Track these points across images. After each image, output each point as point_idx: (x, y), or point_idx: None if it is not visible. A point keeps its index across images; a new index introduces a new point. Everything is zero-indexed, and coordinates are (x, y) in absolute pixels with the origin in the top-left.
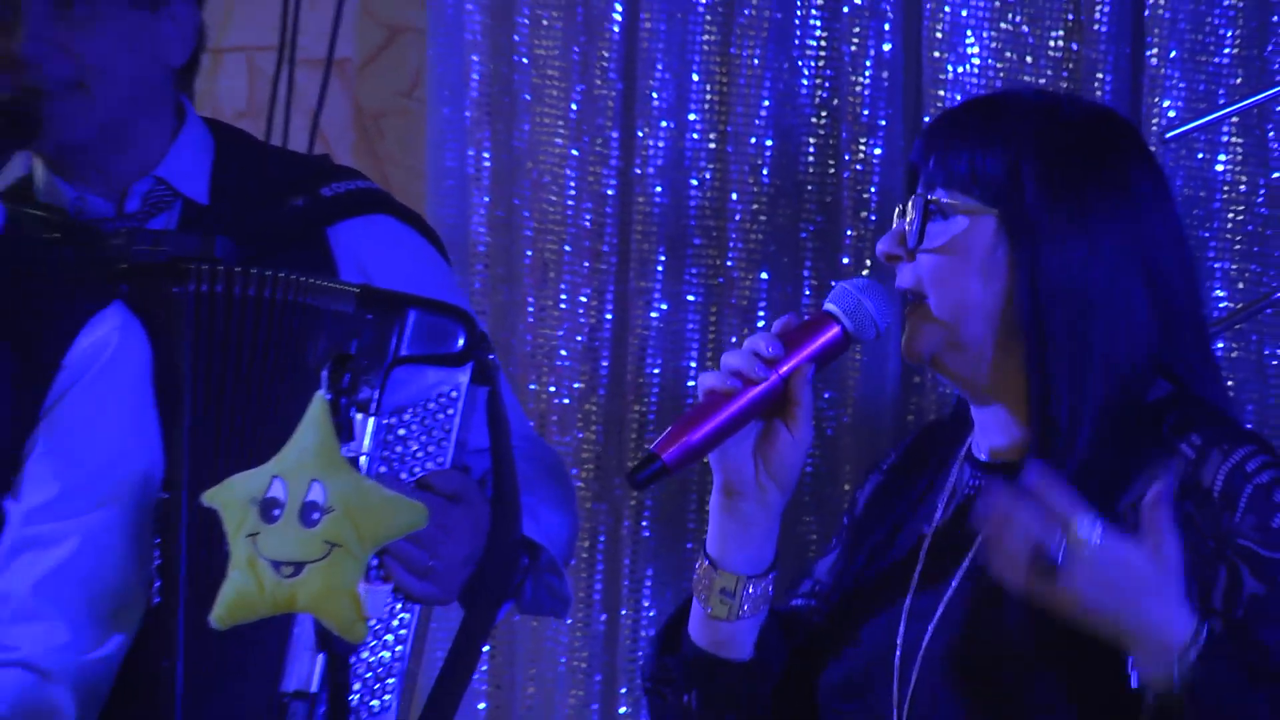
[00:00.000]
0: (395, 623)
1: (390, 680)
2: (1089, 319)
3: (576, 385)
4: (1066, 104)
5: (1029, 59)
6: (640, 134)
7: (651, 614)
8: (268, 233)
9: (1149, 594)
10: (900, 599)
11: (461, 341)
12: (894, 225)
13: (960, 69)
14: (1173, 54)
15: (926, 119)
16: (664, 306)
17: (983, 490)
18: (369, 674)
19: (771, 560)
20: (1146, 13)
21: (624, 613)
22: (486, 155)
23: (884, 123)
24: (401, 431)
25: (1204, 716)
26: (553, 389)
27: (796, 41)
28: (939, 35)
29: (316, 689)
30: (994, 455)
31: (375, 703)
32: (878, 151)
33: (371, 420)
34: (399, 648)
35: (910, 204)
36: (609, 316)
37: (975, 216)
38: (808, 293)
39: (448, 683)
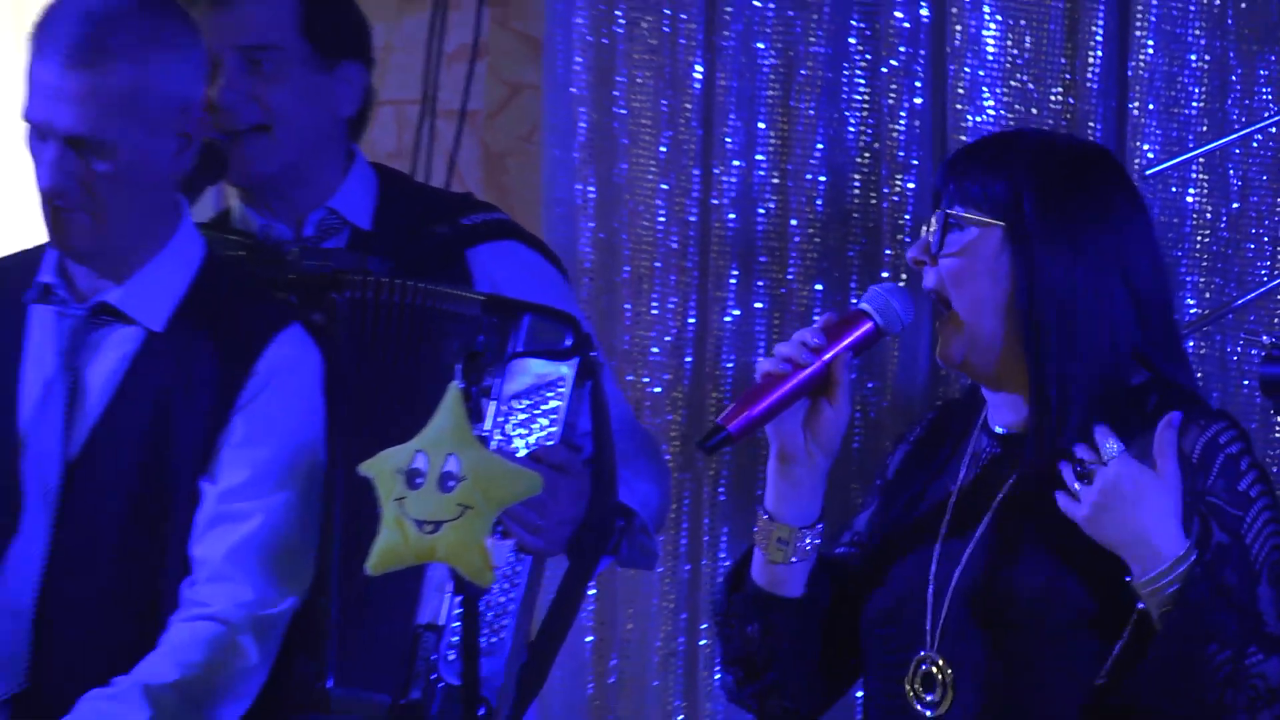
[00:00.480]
0: (511, 571)
1: (505, 620)
2: (1075, 313)
3: (665, 377)
4: (1060, 140)
5: (1034, 110)
6: (716, 171)
7: (726, 564)
8: (418, 254)
9: (1153, 504)
10: (931, 544)
11: (569, 341)
12: (920, 238)
13: (978, 118)
14: (1150, 106)
15: None
16: (736, 312)
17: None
18: (489, 613)
19: (818, 514)
20: (1130, 73)
21: (704, 563)
22: (591, 189)
23: (916, 162)
24: (519, 415)
25: (1185, 624)
26: (646, 380)
27: (844, 96)
28: (960, 91)
29: (444, 622)
30: (1007, 429)
31: (495, 638)
32: (911, 186)
33: (494, 404)
34: (513, 592)
35: (933, 219)
36: (692, 320)
37: (984, 228)
38: (854, 301)
39: (555, 620)
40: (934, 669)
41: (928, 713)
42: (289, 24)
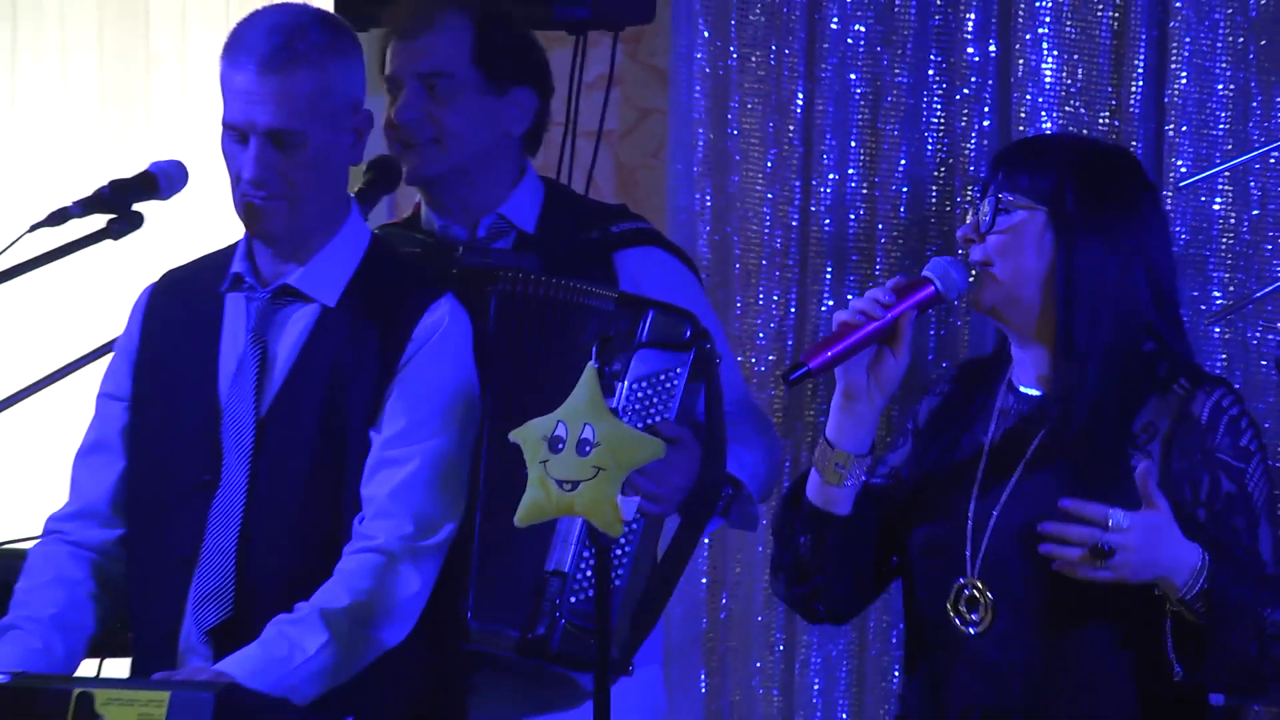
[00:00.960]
0: (628, 529)
1: (621, 569)
2: (1104, 290)
3: (770, 358)
4: (1095, 143)
5: (1085, 131)
6: (814, 183)
7: None
8: (572, 255)
9: (1164, 539)
10: (969, 488)
11: (687, 334)
12: (968, 220)
13: None
14: (1184, 128)
15: None
16: (830, 303)
17: (1035, 529)
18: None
19: (870, 445)
20: (1166, 100)
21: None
22: (708, 198)
23: (984, 175)
24: (642, 395)
25: (1222, 610)
26: (754, 360)
27: (924, 119)
28: (1022, 115)
29: (568, 569)
30: (1037, 383)
31: (615, 581)
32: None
33: (624, 385)
34: (628, 546)
35: (985, 203)
36: (793, 310)
37: (1031, 211)
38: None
39: (666, 570)
40: (975, 593)
41: (970, 630)
42: (463, 55)
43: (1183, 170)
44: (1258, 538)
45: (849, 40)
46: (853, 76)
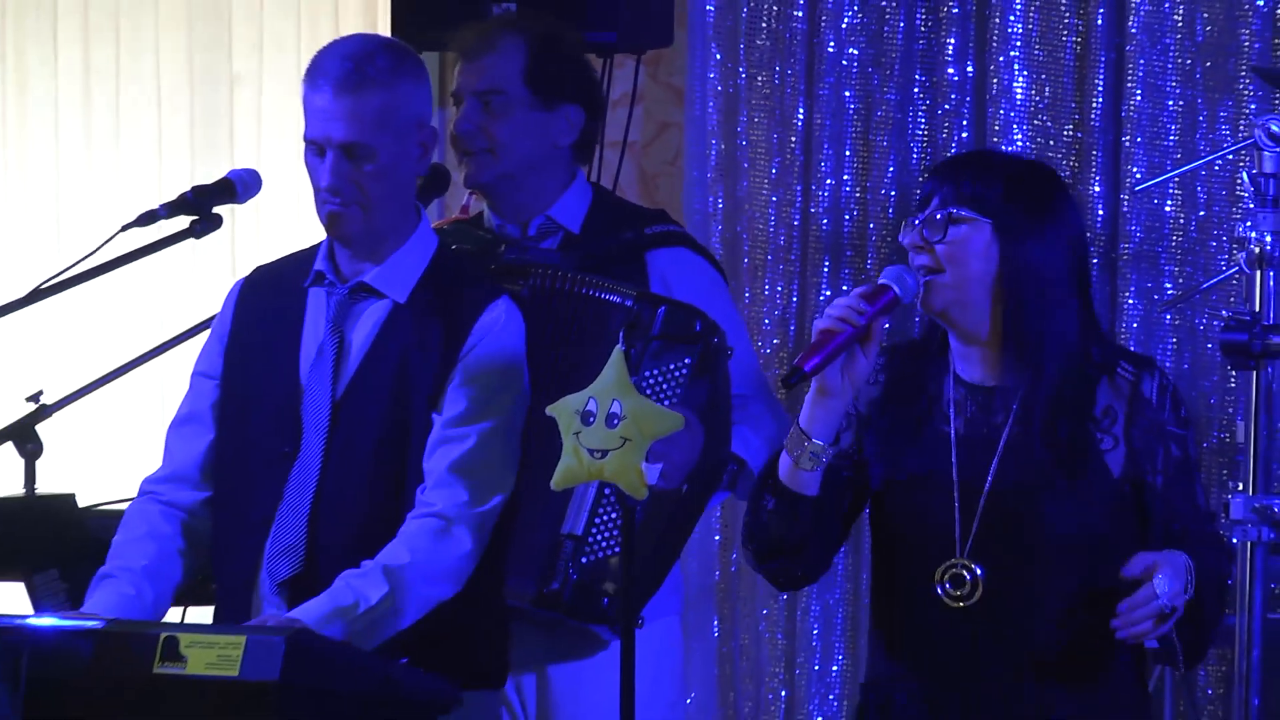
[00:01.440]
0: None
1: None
2: (1048, 289)
3: (775, 341)
4: (1022, 158)
5: (1051, 142)
6: (813, 188)
7: None
8: (608, 254)
9: (1168, 570)
10: (947, 478)
11: (696, 328)
12: (912, 227)
13: (1010, 148)
14: (1139, 139)
15: None
16: (828, 292)
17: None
18: (617, 528)
19: (837, 435)
20: (1123, 114)
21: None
22: (720, 201)
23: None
24: (652, 379)
25: (1204, 579)
26: (759, 344)
27: (909, 131)
28: (996, 128)
29: (581, 533)
30: (980, 382)
31: (615, 547)
32: None
33: (638, 371)
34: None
35: (936, 215)
36: (794, 299)
37: (977, 224)
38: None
39: (670, 535)
40: (963, 571)
41: (959, 604)
42: (515, 75)
43: (1138, 176)
44: (1195, 493)
45: (844, 62)
46: (847, 94)
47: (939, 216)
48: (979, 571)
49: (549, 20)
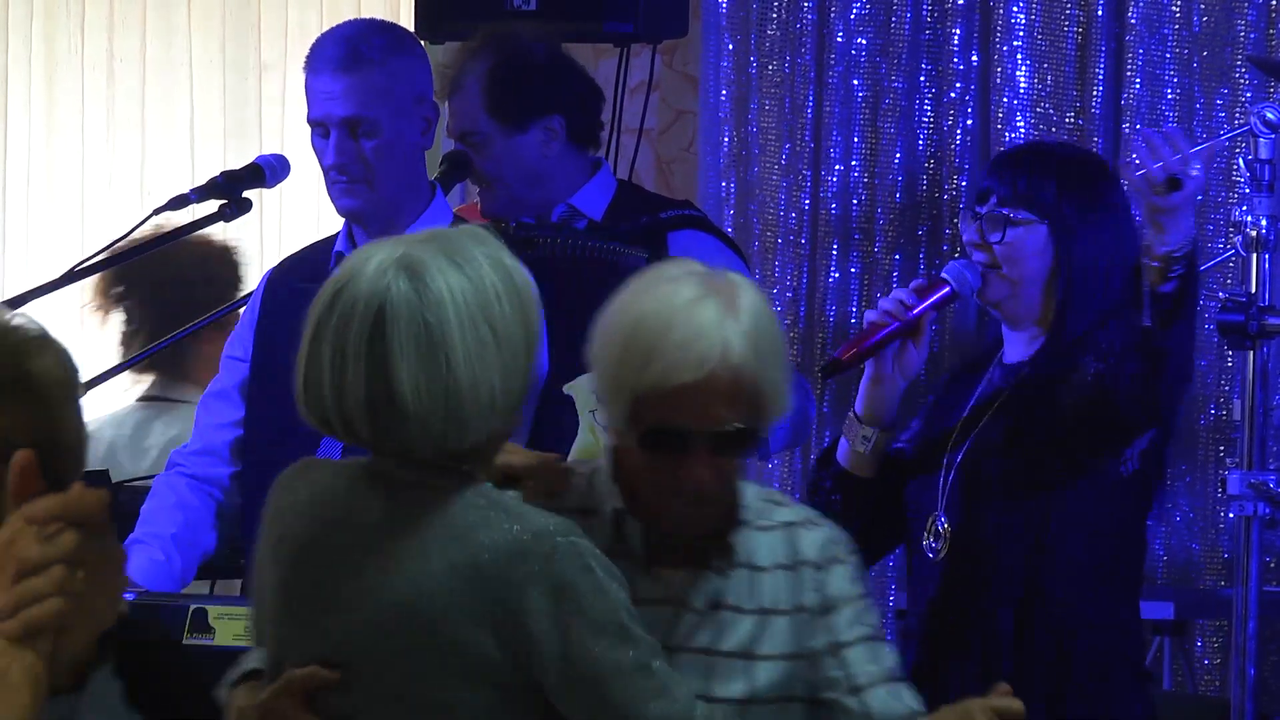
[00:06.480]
0: None
1: None
2: (1093, 283)
3: (785, 321)
4: (1076, 151)
5: (1053, 129)
6: (823, 173)
7: None
8: (628, 235)
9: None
10: (947, 441)
11: None
12: (970, 223)
13: (1012, 135)
14: (1138, 127)
15: None
16: (836, 274)
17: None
18: None
19: (891, 421)
20: (1123, 102)
21: (813, 456)
22: (732, 185)
23: (967, 167)
24: None
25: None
26: None
27: (916, 119)
28: (1000, 115)
29: None
30: (1017, 361)
31: None
32: (963, 184)
33: None
34: None
35: (991, 215)
36: (805, 279)
37: (1033, 225)
38: (922, 268)
39: None
40: (941, 527)
41: (934, 556)
42: (479, 112)
43: (1136, 162)
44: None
45: (853, 51)
46: (856, 82)
47: (999, 214)
48: (948, 526)
49: (510, 39)
